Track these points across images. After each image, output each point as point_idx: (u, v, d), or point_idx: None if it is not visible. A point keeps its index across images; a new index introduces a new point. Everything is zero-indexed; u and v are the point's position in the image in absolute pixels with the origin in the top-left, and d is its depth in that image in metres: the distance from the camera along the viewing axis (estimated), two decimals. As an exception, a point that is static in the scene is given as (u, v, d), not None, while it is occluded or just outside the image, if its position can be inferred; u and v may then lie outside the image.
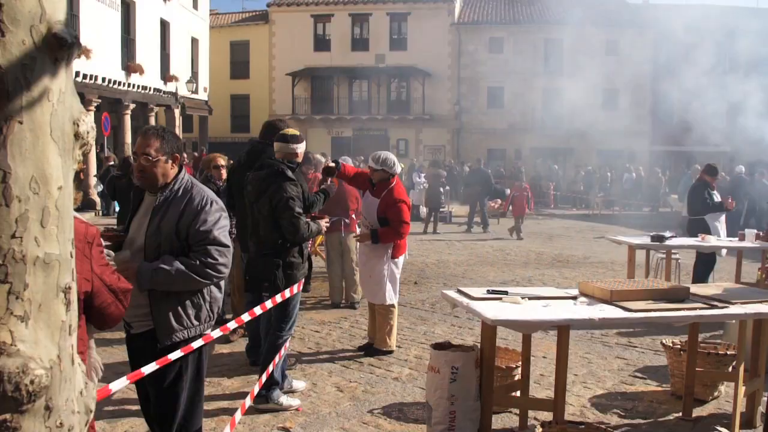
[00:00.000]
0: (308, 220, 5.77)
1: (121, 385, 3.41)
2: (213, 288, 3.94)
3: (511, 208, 21.35)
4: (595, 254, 16.56)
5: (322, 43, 43.19)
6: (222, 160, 8.69)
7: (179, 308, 3.82)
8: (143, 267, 3.73)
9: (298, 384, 6.35)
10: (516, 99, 41.84)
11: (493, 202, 24.61)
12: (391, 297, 7.46)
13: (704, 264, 10.53)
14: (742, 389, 5.55)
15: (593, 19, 41.98)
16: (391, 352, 7.53)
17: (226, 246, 3.86)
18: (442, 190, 21.72)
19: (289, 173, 5.72)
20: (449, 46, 42.10)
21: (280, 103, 42.33)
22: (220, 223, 3.87)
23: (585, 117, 41.71)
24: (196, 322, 3.88)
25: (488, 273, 13.33)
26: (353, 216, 9.66)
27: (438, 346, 5.29)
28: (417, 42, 41.75)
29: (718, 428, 3.62)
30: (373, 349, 7.57)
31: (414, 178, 25.46)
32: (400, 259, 7.57)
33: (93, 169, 23.71)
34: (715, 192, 10.97)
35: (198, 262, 3.75)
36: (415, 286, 11.73)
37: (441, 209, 21.88)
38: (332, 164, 7.37)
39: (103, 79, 24.11)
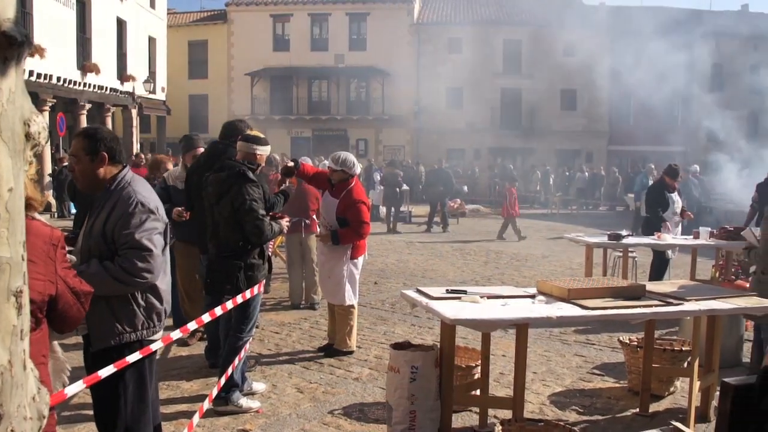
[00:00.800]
0: (270, 221, 5.74)
1: (77, 389, 3.35)
2: (149, 295, 3.82)
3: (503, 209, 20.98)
4: (553, 253, 16.72)
5: (281, 43, 42.97)
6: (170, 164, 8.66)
7: (109, 314, 3.72)
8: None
9: (258, 386, 6.31)
10: (475, 99, 42.08)
11: (453, 202, 24.74)
12: (351, 298, 7.45)
13: (660, 262, 10.68)
14: (696, 384, 5.65)
15: (551, 20, 42.44)
16: (351, 352, 7.52)
17: (149, 250, 3.70)
18: (398, 189, 21.76)
19: (250, 175, 5.68)
20: (408, 47, 42.18)
21: (238, 104, 42.03)
22: (145, 226, 3.73)
23: (543, 117, 42.21)
24: (129, 329, 3.76)
25: (448, 272, 13.39)
26: (314, 216, 9.62)
27: (398, 346, 5.30)
28: (376, 42, 41.77)
29: (674, 423, 3.67)
30: (333, 349, 7.56)
31: (374, 177, 25.47)
32: (360, 260, 7.56)
33: (48, 169, 23.33)
34: (674, 194, 10.93)
35: (118, 267, 3.64)
36: (375, 286, 11.73)
37: (401, 209, 21.94)
38: (291, 164, 7.35)
39: (58, 79, 23.71)
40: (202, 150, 7.57)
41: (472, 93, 42.05)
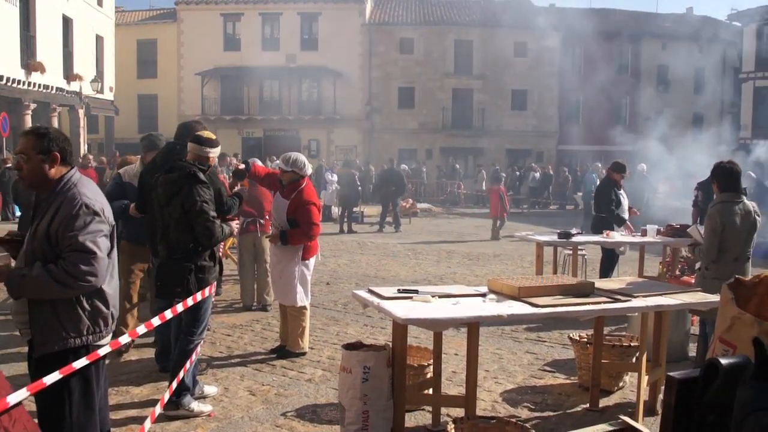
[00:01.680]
0: (221, 223, 5.69)
1: (20, 396, 3.28)
2: (95, 299, 3.75)
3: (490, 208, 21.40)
4: (504, 252, 16.86)
5: (231, 43, 42.60)
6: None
7: (53, 318, 3.64)
8: (13, 273, 3.60)
9: (210, 389, 6.25)
10: (426, 99, 42.28)
11: (405, 201, 24.82)
12: (302, 299, 7.43)
13: (609, 259, 10.82)
14: (644, 379, 5.75)
15: (502, 20, 42.82)
16: (303, 354, 7.49)
17: (93, 253, 3.61)
18: (357, 189, 21.83)
19: (201, 176, 5.62)
20: (360, 47, 42.17)
21: (189, 104, 41.55)
22: (89, 228, 3.64)
23: (494, 117, 42.57)
24: (74, 334, 3.68)
25: (400, 272, 13.42)
26: (267, 217, 9.57)
27: (349, 347, 5.29)
28: (328, 42, 41.66)
29: (622, 417, 3.72)
30: (285, 351, 7.52)
31: (326, 177, 25.41)
32: (311, 261, 7.54)
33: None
34: (621, 192, 11.02)
35: (61, 270, 3.55)
36: (327, 287, 11.70)
37: (354, 209, 21.94)
38: (242, 166, 7.30)
39: (1, 78, 23.18)
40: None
41: (424, 93, 42.26)
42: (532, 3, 46.92)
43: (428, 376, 5.79)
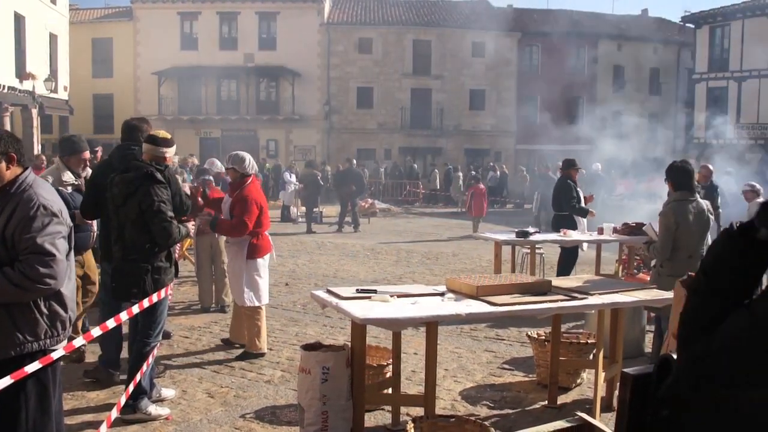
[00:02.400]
0: (177, 224, 5.64)
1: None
2: (52, 302, 3.67)
3: (471, 207, 21.65)
4: (463, 251, 16.95)
5: (188, 42, 42.19)
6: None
7: (9, 322, 3.55)
8: None
9: (168, 392, 6.17)
10: (385, 99, 42.35)
11: (364, 201, 24.82)
12: (251, 298, 7.40)
13: (567, 258, 10.95)
14: (601, 375, 5.82)
15: (460, 21, 43.08)
16: (262, 354, 7.46)
17: (52, 255, 3.54)
18: (317, 189, 21.82)
19: (159, 176, 5.56)
20: (319, 46, 42.08)
21: (145, 103, 41.07)
22: (48, 230, 3.57)
23: (453, 117, 42.79)
24: (31, 338, 3.60)
25: (359, 272, 13.41)
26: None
27: (308, 347, 5.27)
28: (286, 42, 41.49)
29: (579, 413, 3.76)
30: (244, 352, 7.50)
31: (285, 177, 25.30)
32: (260, 261, 7.48)
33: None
34: (578, 188, 11.31)
35: (18, 272, 3.47)
36: (287, 288, 11.65)
37: (314, 209, 21.92)
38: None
39: (-52, 77, 22.68)
40: (88, 153, 7.27)
41: (383, 93, 42.31)
42: (490, 4, 47.30)
43: (387, 375, 5.79)
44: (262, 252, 7.50)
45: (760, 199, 10.47)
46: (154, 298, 5.40)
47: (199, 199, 7.74)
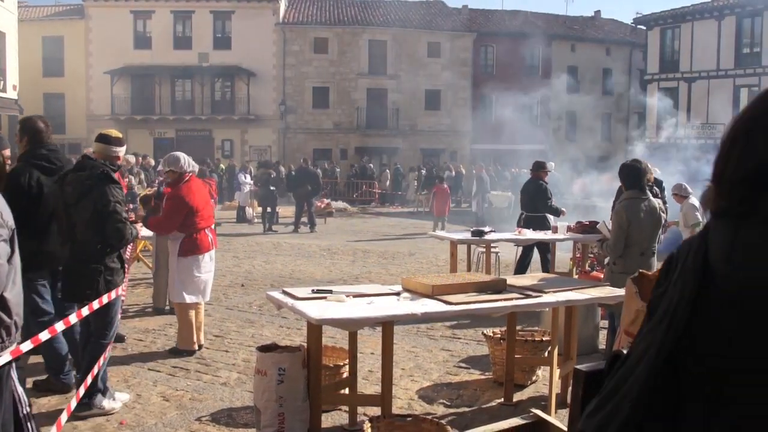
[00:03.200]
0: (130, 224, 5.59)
1: None
2: None
3: (433, 207, 22.05)
4: (420, 250, 16.99)
5: (142, 41, 41.65)
6: None
7: None
8: None
9: (122, 396, 6.09)
10: (341, 99, 42.31)
11: (320, 201, 24.76)
12: (180, 295, 7.41)
13: (525, 256, 11.19)
14: (556, 372, 5.89)
15: (416, 21, 43.21)
16: (192, 352, 7.45)
17: None
18: (273, 189, 21.72)
19: (114, 176, 5.49)
20: (274, 46, 41.86)
21: (97, 103, 40.47)
22: None
23: (408, 117, 42.90)
24: None
25: (315, 272, 13.37)
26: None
27: (264, 348, 5.24)
28: (241, 41, 41.21)
29: (533, 410, 3.79)
30: (173, 348, 7.53)
31: (239, 178, 25.12)
32: (193, 259, 7.44)
33: None
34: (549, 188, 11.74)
35: None
36: (242, 289, 11.56)
37: (269, 209, 21.81)
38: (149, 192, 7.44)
39: None
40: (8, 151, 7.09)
41: (338, 93, 42.28)
42: (446, 4, 47.55)
43: (344, 375, 5.78)
44: (196, 250, 7.44)
45: (692, 201, 10.74)
46: (105, 299, 5.33)
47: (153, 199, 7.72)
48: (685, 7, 36.48)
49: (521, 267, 11.11)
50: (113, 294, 5.44)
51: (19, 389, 3.81)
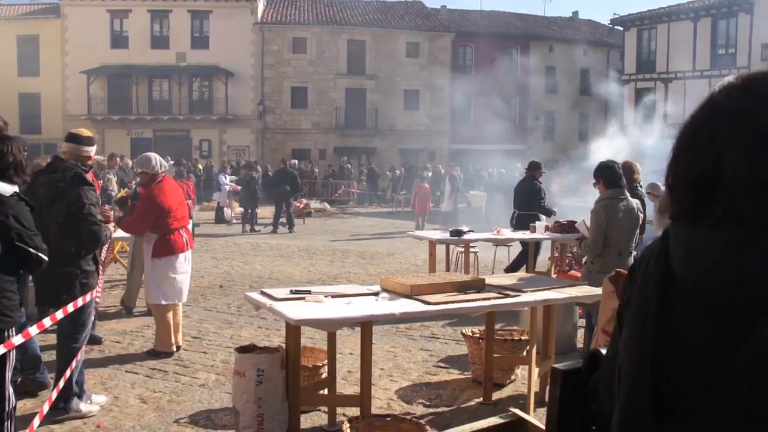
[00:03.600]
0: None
1: None
2: None
3: (414, 205, 22.58)
4: (398, 250, 17.00)
5: (119, 40, 41.36)
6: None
7: None
8: None
9: (99, 398, 6.04)
10: (320, 99, 42.26)
11: (299, 202, 24.72)
12: (155, 296, 7.39)
13: (525, 254, 11.40)
14: (535, 371, 5.92)
15: (394, 21, 43.24)
16: (170, 354, 7.41)
17: None
18: (256, 189, 21.78)
19: (87, 178, 5.44)
20: (252, 46, 41.74)
21: (74, 103, 40.12)
22: None
23: (387, 117, 42.92)
24: None
25: (294, 273, 13.34)
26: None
27: (243, 350, 5.22)
28: (219, 41, 41.04)
29: (512, 409, 3.81)
30: (151, 350, 7.50)
31: (219, 179, 25.00)
32: (167, 260, 7.41)
33: None
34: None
35: None
36: (221, 290, 11.51)
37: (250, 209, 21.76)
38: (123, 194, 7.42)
39: None
40: None
41: (317, 93, 42.22)
42: (424, 4, 47.62)
43: (323, 376, 5.77)
44: (170, 251, 7.41)
45: None
46: (80, 302, 5.28)
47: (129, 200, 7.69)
48: (662, 8, 36.77)
49: (518, 264, 11.31)
50: (88, 297, 5.40)
51: (10, 388, 3.80)
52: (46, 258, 4.19)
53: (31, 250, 4.09)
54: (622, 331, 1.39)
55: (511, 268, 11.83)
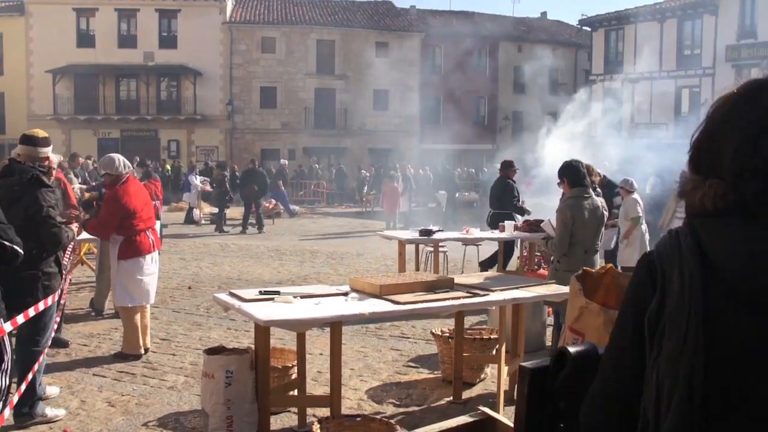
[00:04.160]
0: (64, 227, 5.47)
1: None
2: None
3: (384, 204, 22.91)
4: (368, 250, 17.00)
5: (85, 39, 40.86)
6: None
7: None
8: None
9: (52, 390, 6.02)
10: (289, 99, 42.12)
11: (268, 202, 24.63)
12: (124, 298, 7.33)
13: (509, 251, 11.58)
14: (504, 370, 5.95)
15: (363, 21, 43.24)
16: (138, 356, 7.35)
17: None
18: (227, 190, 21.70)
19: (45, 179, 5.37)
20: (221, 45, 41.49)
21: (39, 103, 39.57)
22: None
23: (357, 117, 42.91)
24: None
25: (264, 274, 13.29)
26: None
27: (211, 351, 5.19)
28: (188, 40, 40.72)
29: (481, 408, 3.83)
30: (119, 353, 7.43)
31: (189, 179, 24.82)
32: (133, 262, 7.34)
33: None
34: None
35: None
36: (190, 291, 11.42)
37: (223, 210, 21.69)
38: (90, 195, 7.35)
39: None
40: None
41: (286, 93, 42.08)
42: (393, 5, 47.65)
43: (293, 377, 5.77)
44: (136, 253, 7.34)
45: (635, 196, 11.18)
46: (42, 305, 5.22)
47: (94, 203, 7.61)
48: (629, 9, 37.17)
49: (494, 261, 11.41)
50: (50, 300, 5.34)
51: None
52: (21, 251, 4.15)
53: (6, 243, 4.05)
54: (663, 342, 1.27)
55: (488, 263, 11.97)
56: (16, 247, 4.09)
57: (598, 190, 8.91)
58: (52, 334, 5.81)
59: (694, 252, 1.23)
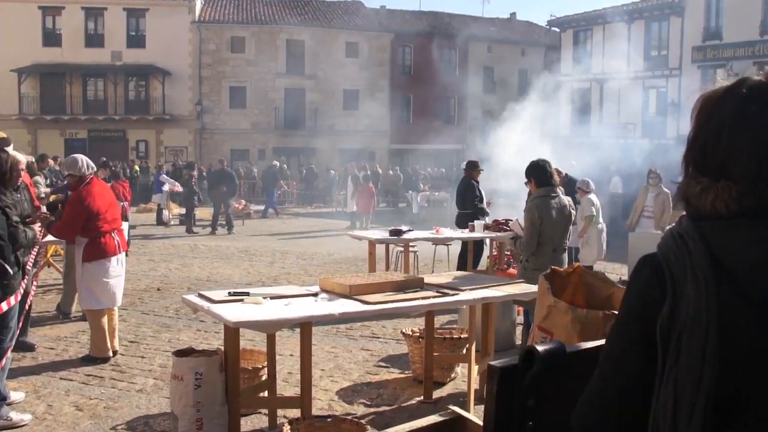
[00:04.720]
0: (23, 227, 5.41)
1: None
2: None
3: (356, 205, 23.04)
4: (338, 251, 16.97)
5: (51, 38, 40.33)
6: None
7: None
8: None
9: (17, 395, 5.93)
10: (258, 99, 41.94)
11: (238, 203, 24.53)
12: (90, 301, 7.27)
13: (477, 250, 11.64)
14: (474, 369, 5.98)
15: (333, 21, 43.20)
16: (106, 359, 7.28)
17: None
18: (195, 190, 21.56)
19: (2, 179, 5.32)
20: (190, 45, 41.20)
21: (4, 102, 38.92)
22: None
23: (327, 117, 42.84)
24: None
25: (233, 275, 13.22)
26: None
27: (180, 353, 5.16)
28: (156, 40, 40.36)
29: (451, 407, 3.85)
30: (86, 356, 7.36)
31: (159, 180, 24.60)
32: (98, 264, 7.26)
33: None
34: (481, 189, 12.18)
35: None
36: (159, 293, 11.32)
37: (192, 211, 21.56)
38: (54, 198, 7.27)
39: None
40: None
41: (256, 93, 41.90)
42: (364, 4, 47.65)
43: (263, 378, 5.75)
44: (101, 255, 7.26)
45: (592, 196, 11.42)
46: (4, 306, 5.15)
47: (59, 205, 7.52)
48: (597, 10, 37.49)
49: (465, 261, 11.46)
50: (13, 300, 5.27)
51: None
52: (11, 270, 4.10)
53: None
54: (681, 349, 1.23)
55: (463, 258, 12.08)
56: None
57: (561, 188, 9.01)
58: (16, 335, 5.74)
59: (706, 256, 1.20)
